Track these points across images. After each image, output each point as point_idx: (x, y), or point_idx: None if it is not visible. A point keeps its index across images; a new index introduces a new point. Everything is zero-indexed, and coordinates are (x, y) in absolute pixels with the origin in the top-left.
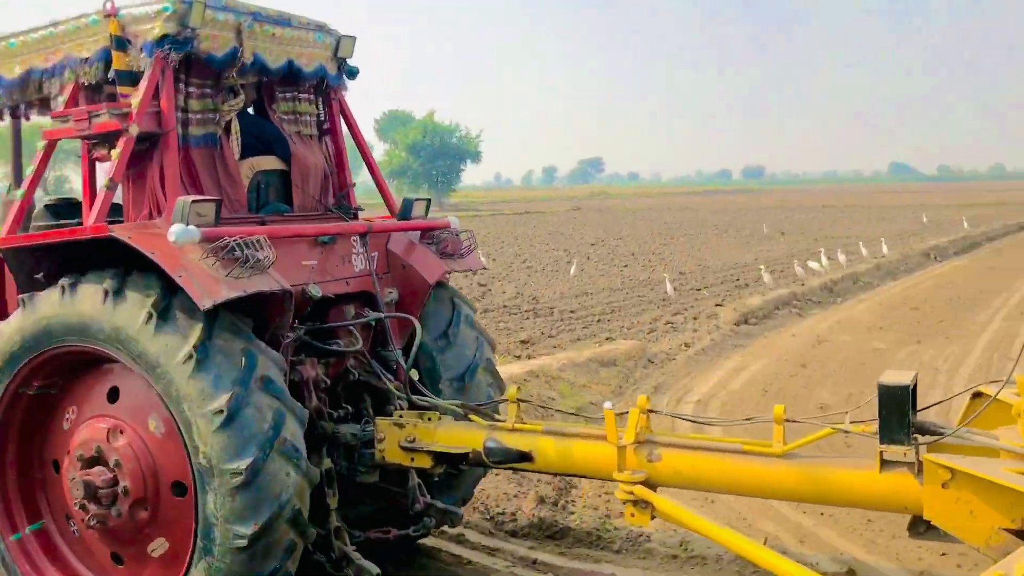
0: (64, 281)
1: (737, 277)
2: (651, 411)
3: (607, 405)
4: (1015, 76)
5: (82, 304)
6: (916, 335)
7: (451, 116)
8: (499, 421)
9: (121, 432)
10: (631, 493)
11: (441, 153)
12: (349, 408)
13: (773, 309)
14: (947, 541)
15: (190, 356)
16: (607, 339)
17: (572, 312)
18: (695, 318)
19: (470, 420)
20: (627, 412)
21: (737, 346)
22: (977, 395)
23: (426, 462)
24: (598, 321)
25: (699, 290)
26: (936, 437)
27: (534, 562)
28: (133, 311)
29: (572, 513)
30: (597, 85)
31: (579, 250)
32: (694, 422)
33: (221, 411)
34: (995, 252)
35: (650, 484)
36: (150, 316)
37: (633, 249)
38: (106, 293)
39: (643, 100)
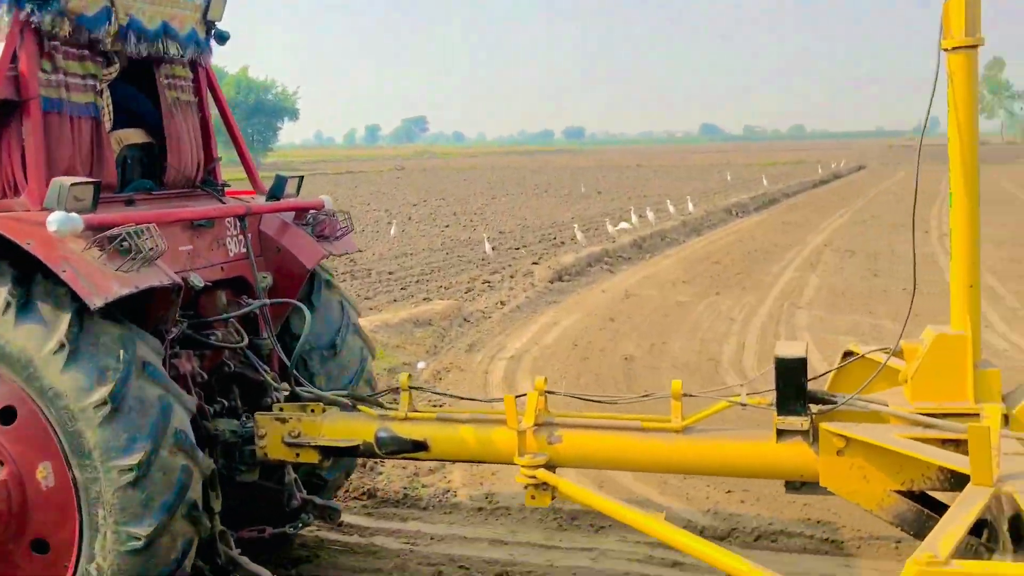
0: None
1: (554, 236)
2: (549, 392)
3: (420, 365)
4: (815, 44)
5: None
6: (716, 287)
7: (267, 72)
8: (390, 410)
9: None
10: (533, 477)
11: (256, 111)
12: (225, 403)
13: (586, 266)
14: (819, 495)
15: (61, 346)
16: (424, 299)
17: (391, 273)
18: (512, 276)
19: (358, 411)
20: (525, 395)
21: (551, 303)
22: (848, 354)
23: (313, 457)
24: (416, 282)
25: (517, 249)
26: (830, 406)
27: (340, 524)
28: None
29: (380, 474)
30: (421, 43)
31: (401, 211)
32: (594, 401)
33: (104, 403)
34: (791, 208)
35: (550, 466)
36: (7, 305)
37: (455, 209)
38: None
39: (468, 60)
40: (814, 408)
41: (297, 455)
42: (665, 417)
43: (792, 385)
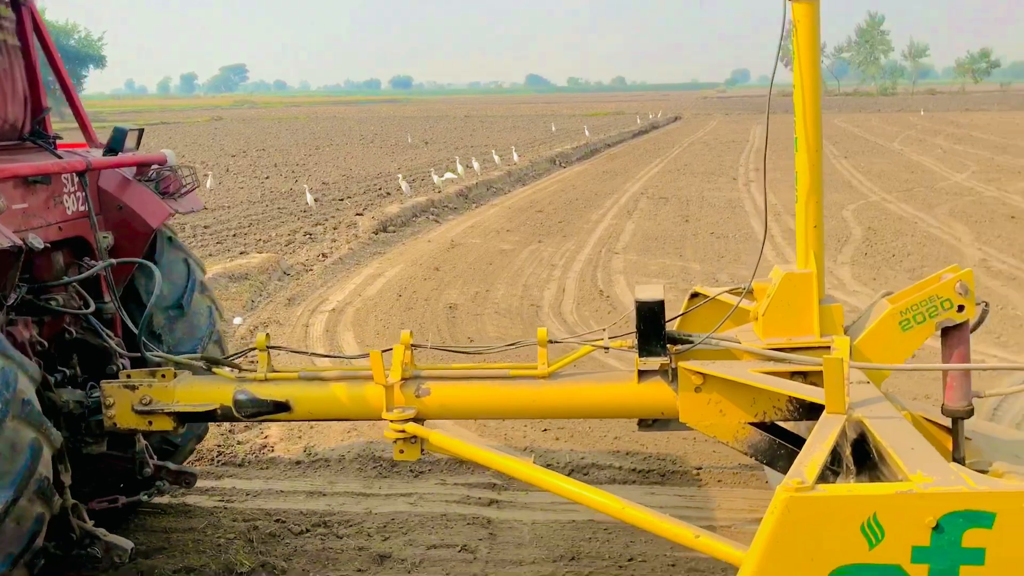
0: None
1: (379, 187)
2: (415, 346)
3: (236, 321)
4: None
5: None
6: (538, 235)
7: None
8: (247, 372)
9: None
10: (403, 431)
11: None
12: (66, 372)
13: (411, 216)
14: (671, 431)
15: None
16: (240, 253)
17: (206, 228)
18: (335, 228)
19: (214, 374)
20: (391, 349)
21: (375, 254)
22: (694, 295)
23: (167, 424)
24: (234, 235)
25: (341, 200)
26: (687, 346)
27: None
28: None
29: None
30: None
31: (218, 162)
32: (460, 352)
33: None
34: (611, 157)
35: (419, 419)
36: None
37: (276, 160)
38: None
39: (288, 6)
40: (672, 348)
41: (150, 423)
42: (531, 364)
43: (652, 327)
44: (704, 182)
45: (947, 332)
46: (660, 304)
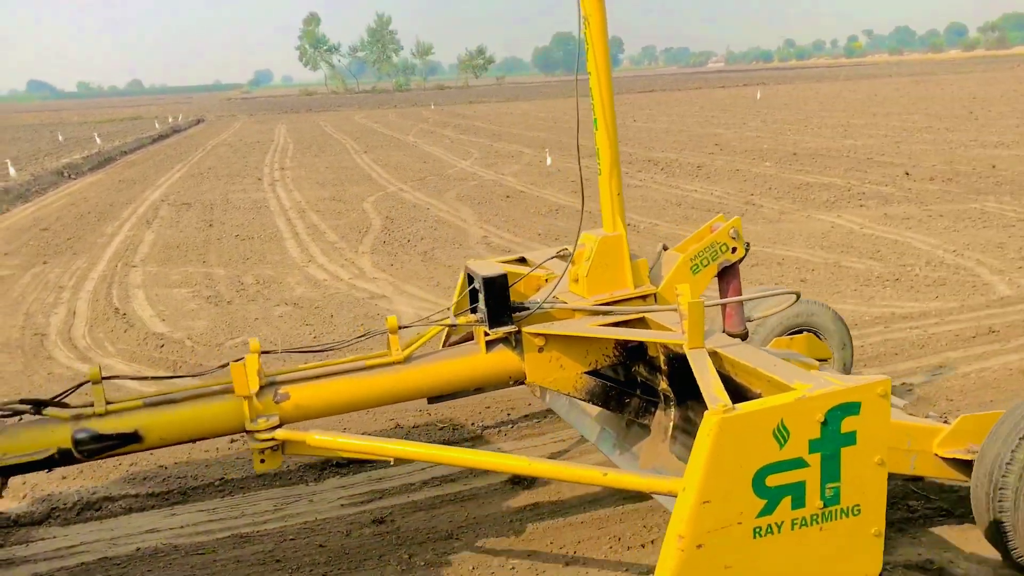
0: None
1: None
2: (264, 352)
3: None
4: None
5: None
6: (43, 255)
7: None
8: (80, 408)
9: None
10: (272, 439)
11: None
12: None
13: None
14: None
15: None
16: None
17: None
18: None
19: (42, 416)
20: (241, 359)
21: None
22: (521, 260)
23: None
24: None
25: None
26: (527, 312)
27: None
28: None
29: None
30: None
31: None
32: (311, 352)
33: None
34: (128, 165)
35: (281, 426)
36: None
37: None
38: None
39: None
40: (515, 316)
41: None
42: (381, 353)
43: (499, 299)
44: (229, 184)
45: (724, 271)
46: (504, 278)
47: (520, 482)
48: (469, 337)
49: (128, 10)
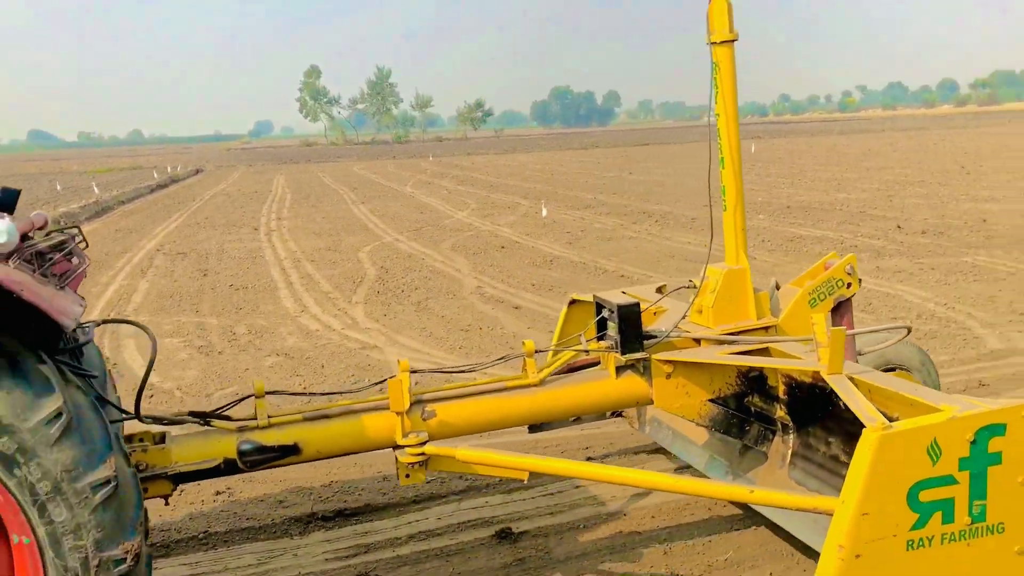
0: None
1: None
2: (414, 371)
3: None
4: (113, 48)
5: None
6: None
7: None
8: (244, 421)
9: None
10: (421, 454)
11: None
12: None
13: None
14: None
15: None
16: None
17: None
18: None
19: (210, 427)
20: (394, 376)
21: None
22: (574, 302)
23: (166, 488)
24: None
25: None
26: (656, 340)
27: None
28: None
29: None
30: None
31: None
32: (452, 372)
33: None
34: (125, 214)
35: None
36: None
37: None
38: None
39: None
40: (646, 343)
41: (146, 490)
42: (522, 375)
43: (632, 326)
44: (225, 234)
45: (837, 305)
46: (637, 307)
47: (506, 537)
48: (585, 365)
49: (129, 61)
